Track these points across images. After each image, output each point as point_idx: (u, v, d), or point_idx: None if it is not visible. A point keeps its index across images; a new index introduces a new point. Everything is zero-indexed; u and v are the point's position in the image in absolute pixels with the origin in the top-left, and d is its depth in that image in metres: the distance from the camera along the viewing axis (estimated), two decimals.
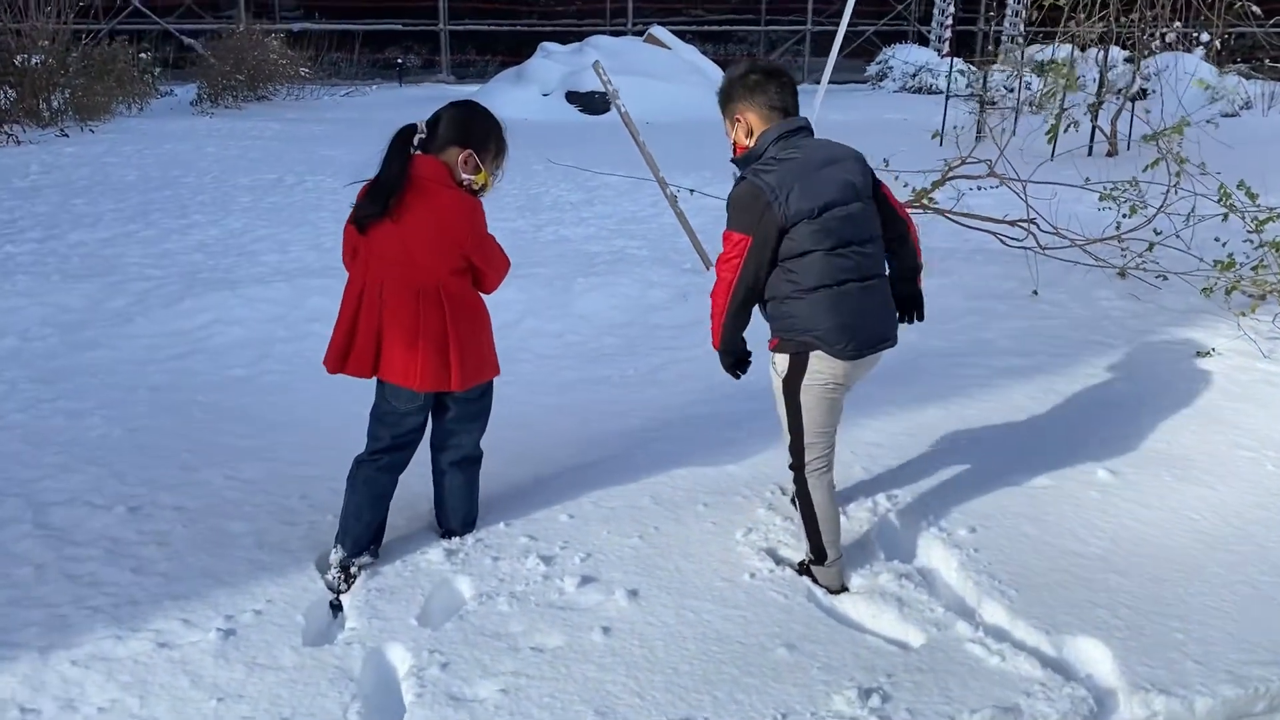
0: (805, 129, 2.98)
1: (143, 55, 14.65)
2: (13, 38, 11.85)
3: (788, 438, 3.06)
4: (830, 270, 2.86)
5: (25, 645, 2.71)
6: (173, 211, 7.76)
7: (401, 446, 3.16)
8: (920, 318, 3.27)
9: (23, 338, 5.09)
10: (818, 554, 3.05)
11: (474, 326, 3.05)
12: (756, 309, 3.06)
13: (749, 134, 2.98)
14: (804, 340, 2.91)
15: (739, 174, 2.98)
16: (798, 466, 3.06)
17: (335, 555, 3.10)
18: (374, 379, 3.07)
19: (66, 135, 11.14)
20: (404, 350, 2.95)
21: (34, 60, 11.47)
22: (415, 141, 2.98)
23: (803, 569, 3.12)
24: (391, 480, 3.19)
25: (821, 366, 2.94)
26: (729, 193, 2.96)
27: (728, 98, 3.04)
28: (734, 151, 3.04)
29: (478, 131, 3.02)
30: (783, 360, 2.98)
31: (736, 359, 3.07)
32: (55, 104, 11.74)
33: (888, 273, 3.09)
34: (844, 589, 3.06)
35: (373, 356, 2.98)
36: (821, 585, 3.05)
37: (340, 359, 3.03)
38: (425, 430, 3.20)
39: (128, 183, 8.78)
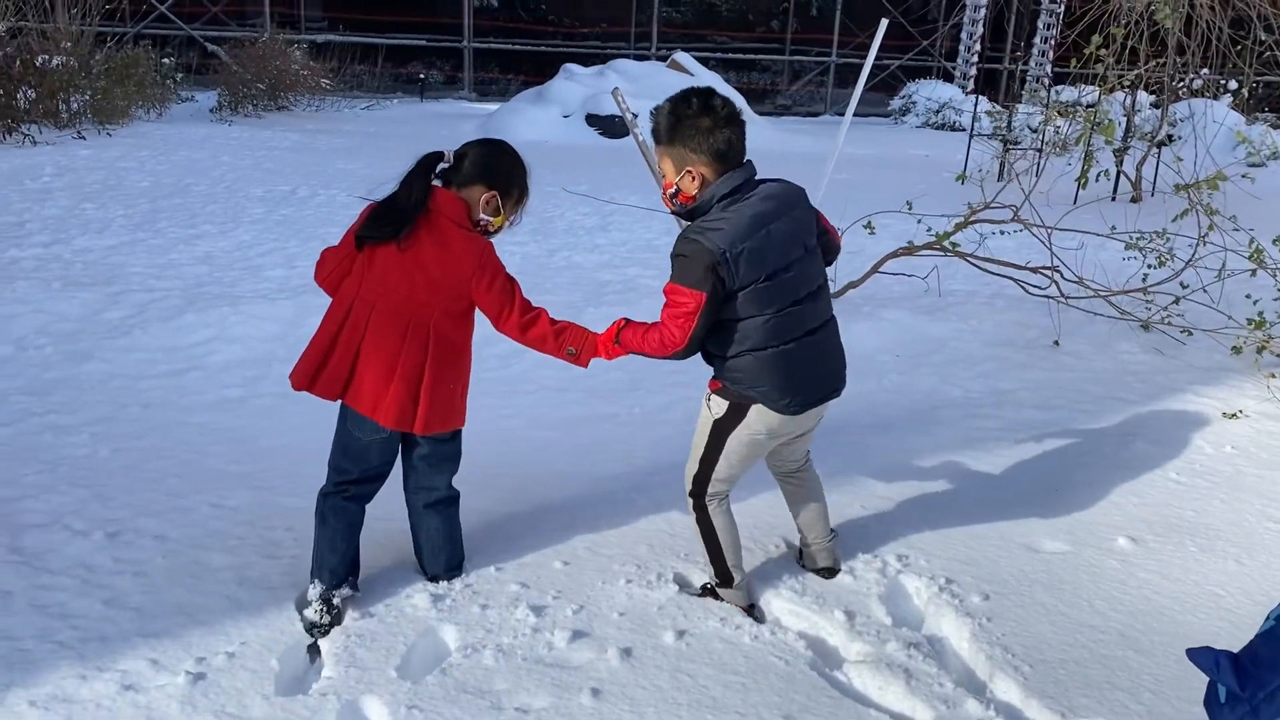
0: (751, 179, 2.80)
1: (165, 60, 14.63)
2: (36, 38, 11.82)
3: (694, 467, 3.00)
4: (777, 330, 2.77)
5: None
6: (182, 220, 7.67)
7: (368, 480, 3.03)
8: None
9: (18, 346, 4.97)
10: (724, 578, 3.05)
11: (453, 373, 2.93)
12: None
13: (699, 185, 2.76)
14: (748, 395, 2.84)
15: (682, 225, 2.89)
16: (697, 494, 3.01)
17: (314, 590, 2.97)
18: (338, 406, 2.95)
19: (83, 138, 11.08)
20: (377, 380, 2.83)
21: (55, 61, 11.40)
22: (438, 169, 2.90)
23: (706, 591, 3.11)
24: (361, 509, 3.07)
25: (758, 421, 2.88)
26: (675, 245, 2.74)
27: (674, 137, 2.74)
28: (675, 198, 2.83)
29: (504, 174, 2.94)
30: (720, 404, 2.90)
31: None
32: (74, 106, 11.68)
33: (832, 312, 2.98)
34: (753, 606, 3.08)
35: (345, 379, 2.86)
36: (729, 605, 3.06)
37: (310, 376, 2.90)
38: (395, 464, 3.06)
39: (140, 189, 8.70)
